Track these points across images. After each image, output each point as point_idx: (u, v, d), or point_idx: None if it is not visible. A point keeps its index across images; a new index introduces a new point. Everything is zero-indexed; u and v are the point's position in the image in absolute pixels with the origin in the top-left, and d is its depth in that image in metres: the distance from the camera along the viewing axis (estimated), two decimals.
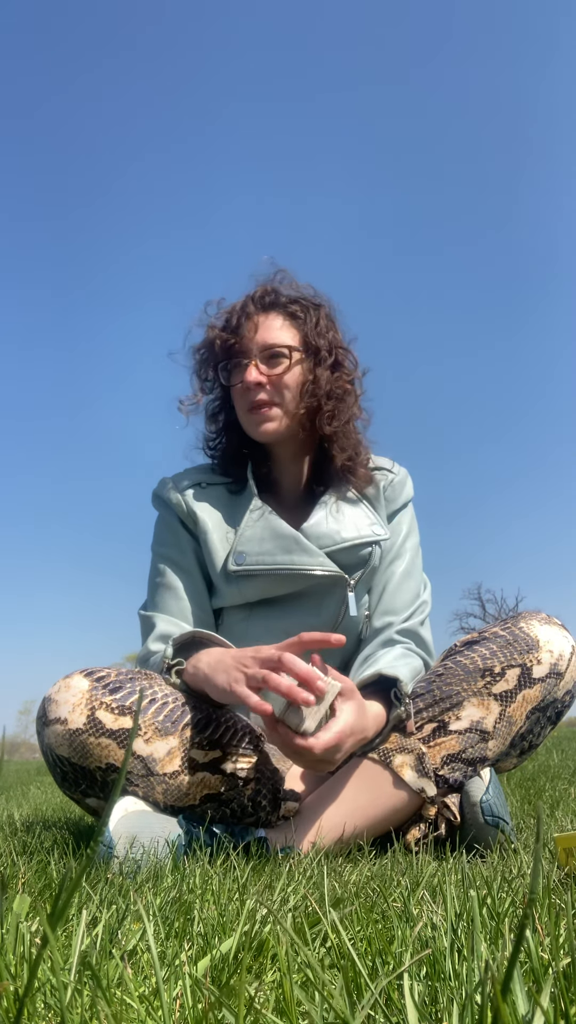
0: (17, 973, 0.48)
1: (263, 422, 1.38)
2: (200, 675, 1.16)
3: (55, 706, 1.15)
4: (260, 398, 1.36)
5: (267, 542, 1.32)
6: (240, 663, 1.10)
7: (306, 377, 1.39)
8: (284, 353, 1.38)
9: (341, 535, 1.35)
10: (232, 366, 1.40)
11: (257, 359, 1.37)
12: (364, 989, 0.46)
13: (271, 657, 1.07)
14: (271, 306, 1.42)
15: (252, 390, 1.36)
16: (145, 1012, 0.44)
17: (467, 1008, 0.39)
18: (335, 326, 1.45)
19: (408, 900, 0.71)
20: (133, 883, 0.85)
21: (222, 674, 1.11)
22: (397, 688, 1.19)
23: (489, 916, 0.62)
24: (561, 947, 0.50)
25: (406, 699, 1.19)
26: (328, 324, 1.44)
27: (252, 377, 1.36)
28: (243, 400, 1.39)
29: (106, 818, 0.36)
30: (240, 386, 1.38)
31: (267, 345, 1.37)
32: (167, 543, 1.41)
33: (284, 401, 1.38)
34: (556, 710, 1.27)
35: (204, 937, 0.59)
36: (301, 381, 1.39)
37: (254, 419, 1.38)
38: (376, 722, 1.17)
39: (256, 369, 1.36)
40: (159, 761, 1.15)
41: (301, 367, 1.39)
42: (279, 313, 1.41)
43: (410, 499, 1.49)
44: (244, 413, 1.40)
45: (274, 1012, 0.44)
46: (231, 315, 1.41)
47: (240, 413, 1.41)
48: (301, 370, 1.39)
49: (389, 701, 1.20)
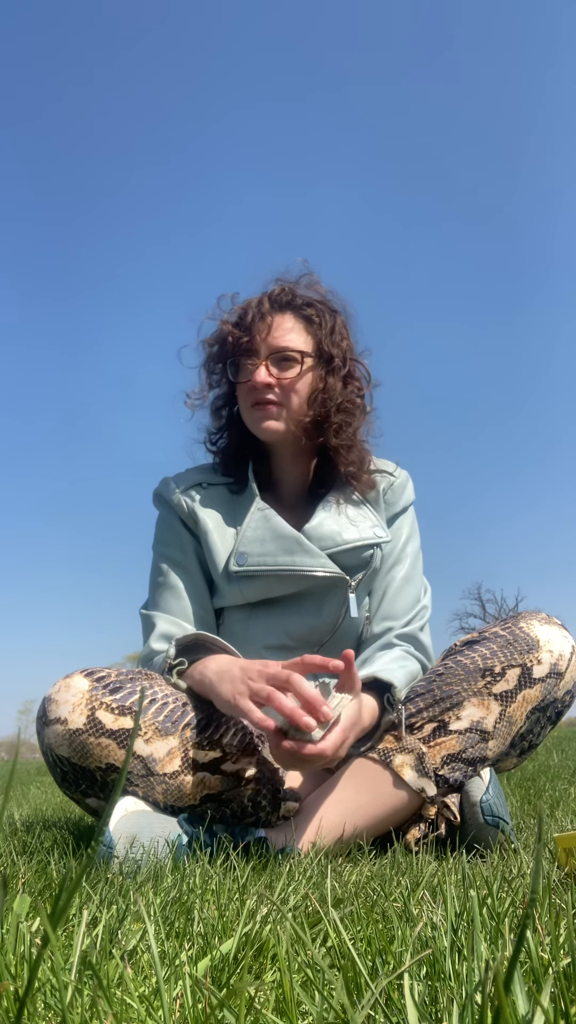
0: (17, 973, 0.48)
1: (266, 419, 1.37)
2: (206, 681, 1.16)
3: (55, 706, 1.15)
4: (267, 397, 1.36)
5: (269, 543, 1.32)
6: (247, 676, 1.10)
7: (316, 385, 1.38)
8: (295, 358, 1.37)
9: (343, 537, 1.35)
10: (241, 363, 1.39)
11: (268, 361, 1.36)
12: (364, 989, 0.46)
13: (278, 675, 1.06)
14: (286, 306, 1.40)
15: (259, 389, 1.36)
16: (145, 1012, 0.44)
17: (467, 1008, 0.39)
18: (349, 335, 1.44)
19: (408, 900, 0.71)
20: (133, 883, 0.85)
21: (227, 684, 1.11)
22: (390, 693, 1.19)
23: (489, 916, 0.62)
24: (561, 947, 0.50)
25: (398, 704, 1.19)
26: (343, 332, 1.43)
27: (261, 378, 1.35)
28: (248, 397, 1.38)
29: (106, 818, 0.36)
30: (247, 384, 1.37)
31: (279, 348, 1.36)
32: (168, 543, 1.41)
33: (290, 405, 1.37)
34: (556, 710, 1.27)
35: (204, 937, 0.59)
36: (311, 389, 1.38)
37: (257, 415, 1.38)
38: (371, 716, 1.18)
39: (266, 370, 1.36)
40: (159, 761, 1.15)
41: (312, 374, 1.38)
42: (294, 315, 1.39)
43: (411, 503, 1.48)
44: (247, 409, 1.39)
45: (274, 1012, 0.44)
46: (245, 311, 1.39)
47: (244, 409, 1.41)
48: (312, 377, 1.38)
49: (383, 704, 1.20)
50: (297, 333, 1.38)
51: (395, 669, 1.23)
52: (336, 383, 1.39)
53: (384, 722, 1.20)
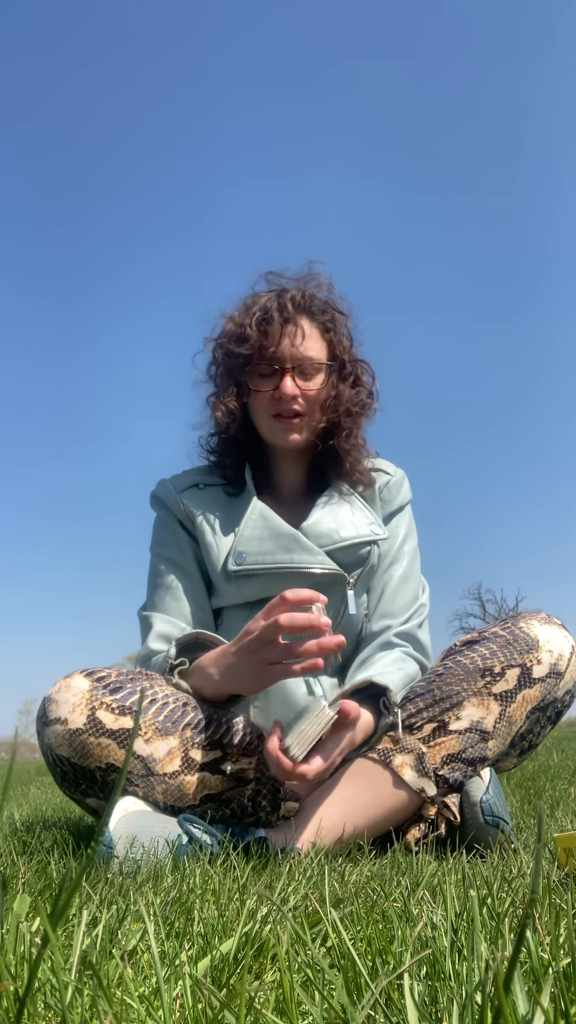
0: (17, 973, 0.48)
1: (290, 431, 1.37)
2: (205, 673, 1.17)
3: (55, 706, 1.15)
4: (293, 409, 1.35)
5: (267, 541, 1.32)
6: (244, 637, 1.13)
7: (329, 393, 1.38)
8: (319, 368, 1.37)
9: (340, 534, 1.35)
10: (263, 371, 1.37)
11: (292, 371, 1.35)
12: (364, 989, 0.46)
13: (269, 608, 1.10)
14: (305, 312, 1.38)
15: (286, 401, 1.35)
16: (145, 1012, 0.44)
17: (467, 1008, 0.39)
18: (352, 336, 1.44)
19: (408, 900, 0.71)
20: (133, 883, 0.85)
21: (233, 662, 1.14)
22: (386, 697, 1.19)
23: (489, 916, 0.62)
24: (561, 947, 0.50)
25: (394, 708, 1.19)
26: (351, 336, 1.43)
27: (288, 389, 1.34)
28: (271, 406, 1.36)
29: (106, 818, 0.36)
30: (272, 393, 1.36)
31: (305, 358, 1.35)
32: (166, 544, 1.41)
33: (312, 414, 1.38)
34: (556, 710, 1.27)
35: (204, 937, 0.59)
36: (325, 395, 1.38)
37: (280, 427, 1.37)
38: (365, 730, 1.18)
39: (292, 380, 1.35)
40: (159, 761, 1.15)
41: (327, 381, 1.39)
42: (311, 321, 1.38)
43: (407, 501, 1.48)
44: (268, 418, 1.38)
45: (274, 1012, 0.44)
46: (267, 316, 1.36)
47: (262, 417, 1.39)
48: (327, 384, 1.39)
49: (379, 708, 1.21)
50: (316, 341, 1.38)
51: (392, 672, 1.23)
52: (346, 388, 1.39)
53: (381, 726, 1.20)
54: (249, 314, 1.38)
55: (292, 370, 1.35)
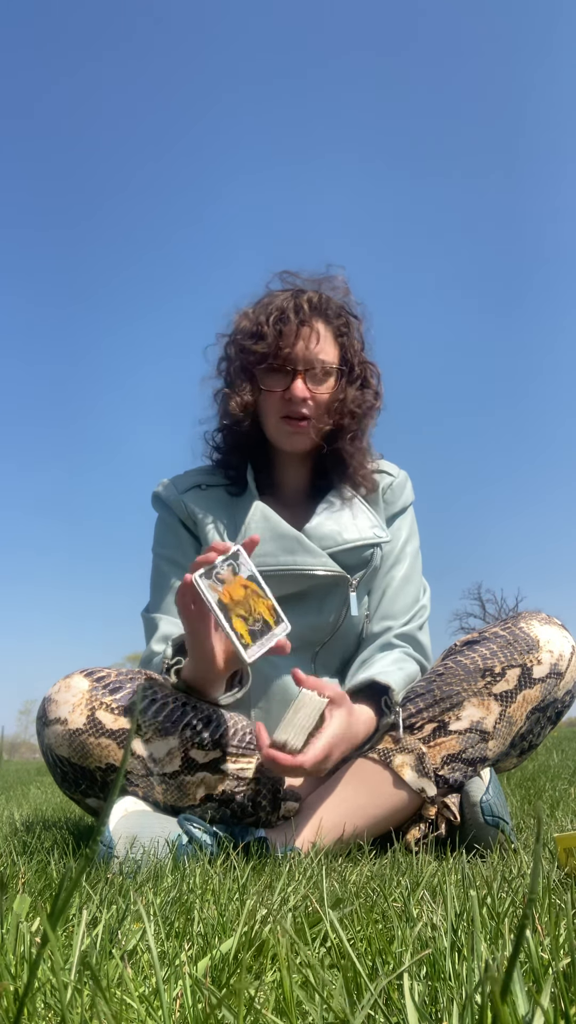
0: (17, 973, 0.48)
1: (298, 434, 1.37)
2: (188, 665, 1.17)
3: (55, 706, 1.15)
4: (302, 412, 1.35)
5: (269, 543, 1.32)
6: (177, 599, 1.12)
7: (337, 396, 1.38)
8: (331, 372, 1.37)
9: (343, 536, 1.35)
10: (277, 372, 1.36)
11: (305, 374, 1.35)
12: (364, 989, 0.46)
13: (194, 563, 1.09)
14: (321, 316, 1.38)
15: (296, 403, 1.34)
16: (145, 1012, 0.44)
17: (467, 1008, 0.39)
18: (364, 339, 1.44)
19: (408, 900, 0.71)
20: (133, 883, 0.85)
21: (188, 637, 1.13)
22: (388, 696, 1.19)
23: (489, 916, 0.62)
24: (561, 947, 0.50)
25: (396, 707, 1.19)
26: (362, 339, 1.43)
27: (300, 392, 1.33)
28: (281, 408, 1.36)
29: (106, 818, 0.36)
30: (283, 395, 1.35)
31: (318, 361, 1.35)
32: (168, 544, 1.41)
33: (320, 418, 1.37)
34: (556, 710, 1.27)
35: (204, 937, 0.59)
36: (333, 399, 1.38)
37: (287, 429, 1.36)
38: (367, 727, 1.18)
39: (303, 383, 1.34)
40: (159, 761, 1.15)
41: (337, 385, 1.38)
42: (326, 325, 1.38)
43: (410, 503, 1.48)
44: (276, 420, 1.37)
45: (274, 1012, 0.44)
46: (283, 316, 1.35)
47: (270, 417, 1.38)
48: (336, 388, 1.38)
49: (380, 708, 1.20)
50: (330, 344, 1.38)
51: (393, 672, 1.23)
52: (354, 392, 1.39)
53: (382, 725, 1.20)
54: (266, 312, 1.37)
55: (304, 372, 1.35)
